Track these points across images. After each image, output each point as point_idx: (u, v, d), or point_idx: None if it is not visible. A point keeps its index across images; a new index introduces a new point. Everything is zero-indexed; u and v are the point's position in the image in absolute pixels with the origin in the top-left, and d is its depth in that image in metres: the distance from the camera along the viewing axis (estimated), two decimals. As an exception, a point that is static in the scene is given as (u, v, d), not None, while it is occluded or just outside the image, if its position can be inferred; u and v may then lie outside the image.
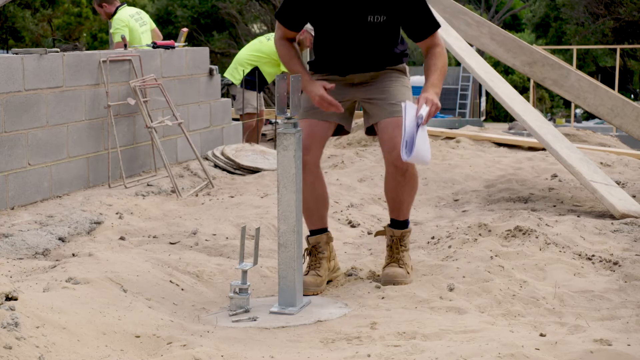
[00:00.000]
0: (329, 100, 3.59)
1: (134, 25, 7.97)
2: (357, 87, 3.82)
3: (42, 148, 5.66)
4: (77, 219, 4.97)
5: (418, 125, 3.41)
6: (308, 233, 3.89)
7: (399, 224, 3.84)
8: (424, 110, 3.46)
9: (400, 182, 3.69)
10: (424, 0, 3.67)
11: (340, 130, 3.89)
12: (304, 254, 3.85)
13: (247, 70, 8.51)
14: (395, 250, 3.80)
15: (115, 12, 7.98)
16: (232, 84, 8.57)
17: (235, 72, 8.55)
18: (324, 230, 3.84)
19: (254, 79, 8.52)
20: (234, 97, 8.56)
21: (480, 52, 16.69)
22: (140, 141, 6.72)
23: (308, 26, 8.89)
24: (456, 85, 28.18)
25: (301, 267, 3.51)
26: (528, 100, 12.95)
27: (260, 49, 8.61)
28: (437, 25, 3.73)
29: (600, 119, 8.74)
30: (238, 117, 8.74)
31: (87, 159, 6.14)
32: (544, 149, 7.84)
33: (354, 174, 6.82)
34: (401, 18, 3.68)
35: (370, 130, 3.85)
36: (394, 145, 3.58)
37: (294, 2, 3.70)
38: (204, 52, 7.78)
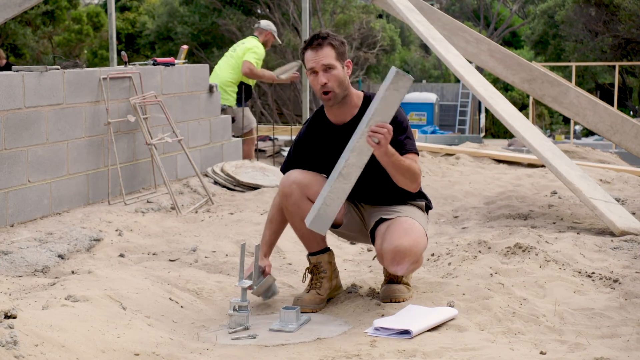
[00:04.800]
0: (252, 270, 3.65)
1: None
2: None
3: (42, 165, 5.67)
4: (76, 236, 4.97)
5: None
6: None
7: None
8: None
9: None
10: (405, 128, 3.65)
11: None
12: (305, 273, 3.85)
13: (235, 89, 8.56)
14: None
15: None
16: (228, 106, 8.56)
17: (225, 94, 8.53)
18: (326, 250, 3.84)
19: (241, 95, 8.62)
20: (232, 120, 8.53)
21: (480, 69, 16.74)
22: (140, 158, 6.73)
23: (271, 27, 8.99)
24: (455, 102, 28.25)
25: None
26: (527, 117, 12.99)
27: (236, 65, 8.67)
28: (412, 150, 3.63)
29: (599, 135, 8.75)
30: (239, 136, 8.74)
31: (87, 175, 6.14)
32: (543, 166, 7.84)
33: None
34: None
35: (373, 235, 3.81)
36: (395, 258, 3.55)
37: (295, 154, 3.80)
38: (204, 69, 7.80)
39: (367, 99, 3.71)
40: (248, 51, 8.67)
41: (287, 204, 3.69)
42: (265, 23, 9.04)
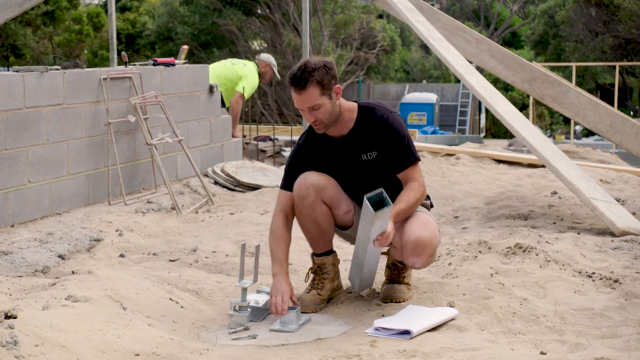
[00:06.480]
0: (284, 302, 3.53)
1: None
2: None
3: (42, 165, 5.67)
4: (76, 237, 4.97)
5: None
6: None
7: None
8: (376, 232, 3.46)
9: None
10: (403, 137, 3.67)
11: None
12: (307, 273, 3.86)
13: None
14: (395, 270, 3.80)
15: None
16: None
17: None
18: (331, 252, 3.84)
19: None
20: None
21: (480, 70, 16.74)
22: (140, 158, 6.73)
23: (271, 60, 8.96)
24: (456, 102, 28.26)
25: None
26: (527, 117, 12.99)
27: (224, 73, 8.66)
28: (414, 161, 3.68)
29: (599, 135, 8.75)
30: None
31: (87, 176, 6.14)
32: (543, 166, 7.84)
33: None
34: (387, 153, 3.67)
35: None
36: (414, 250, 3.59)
37: (294, 168, 3.78)
38: (204, 69, 7.80)
39: (362, 110, 3.69)
40: (244, 80, 8.61)
41: (302, 206, 3.68)
42: (265, 56, 9.06)
